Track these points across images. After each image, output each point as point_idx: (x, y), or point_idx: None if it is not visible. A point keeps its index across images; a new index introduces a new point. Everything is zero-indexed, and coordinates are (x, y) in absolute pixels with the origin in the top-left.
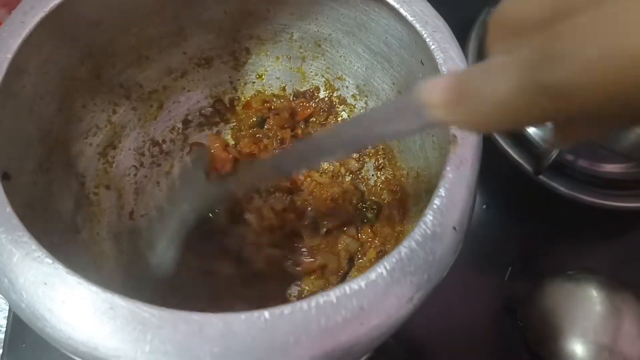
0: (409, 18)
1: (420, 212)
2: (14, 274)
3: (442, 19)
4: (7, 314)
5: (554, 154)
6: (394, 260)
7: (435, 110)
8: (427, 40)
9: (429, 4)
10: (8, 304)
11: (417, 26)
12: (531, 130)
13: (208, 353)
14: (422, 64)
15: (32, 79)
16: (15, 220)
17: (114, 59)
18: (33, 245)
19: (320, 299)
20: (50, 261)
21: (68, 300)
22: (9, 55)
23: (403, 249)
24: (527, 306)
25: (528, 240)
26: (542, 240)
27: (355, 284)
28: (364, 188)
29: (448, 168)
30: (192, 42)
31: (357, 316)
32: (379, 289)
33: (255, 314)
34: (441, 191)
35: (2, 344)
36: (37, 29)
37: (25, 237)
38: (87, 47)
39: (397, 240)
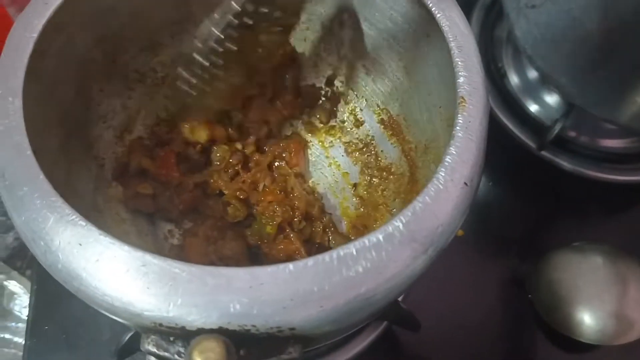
0: None
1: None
2: (50, 236)
3: None
4: (27, 303)
5: (557, 128)
6: (409, 214)
7: None
8: (433, 8)
9: None
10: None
11: None
12: (533, 108)
13: (237, 303)
14: (428, 36)
15: (52, 62)
16: (48, 187)
17: (128, 44)
18: (67, 209)
19: (341, 251)
20: (83, 223)
21: (102, 259)
22: (35, 35)
23: (417, 203)
24: (534, 278)
25: (533, 216)
26: (547, 215)
27: (374, 237)
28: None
29: (458, 127)
30: (203, 26)
31: (376, 266)
32: (396, 241)
33: (281, 266)
34: (452, 149)
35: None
36: (59, 11)
37: (59, 202)
38: (102, 31)
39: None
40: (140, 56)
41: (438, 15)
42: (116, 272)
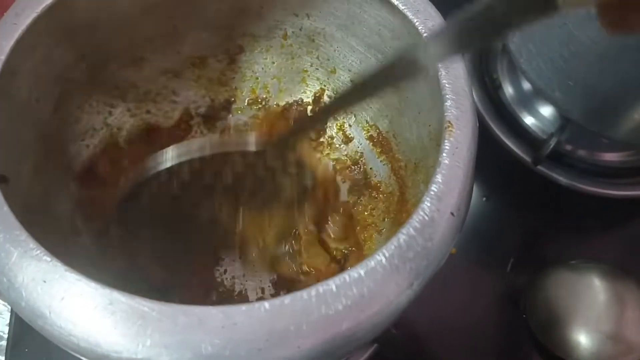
0: (401, 7)
1: (419, 203)
2: (13, 272)
3: (434, 7)
4: (8, 321)
5: (552, 143)
6: (392, 247)
7: None
8: (420, 28)
9: None
10: (10, 308)
11: (409, 15)
12: (528, 120)
13: (209, 344)
14: None
15: (26, 80)
16: (12, 219)
17: (109, 59)
18: (31, 244)
19: (320, 287)
20: (48, 259)
21: (67, 297)
22: (2, 57)
23: (401, 235)
24: (530, 296)
25: (529, 231)
26: (543, 230)
27: (355, 272)
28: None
29: (444, 154)
30: (186, 41)
31: (358, 303)
32: (379, 276)
33: (256, 304)
34: (438, 177)
35: (4, 351)
36: (30, 30)
37: (23, 236)
38: (81, 48)
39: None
40: (121, 72)
41: (425, 35)
42: (82, 311)
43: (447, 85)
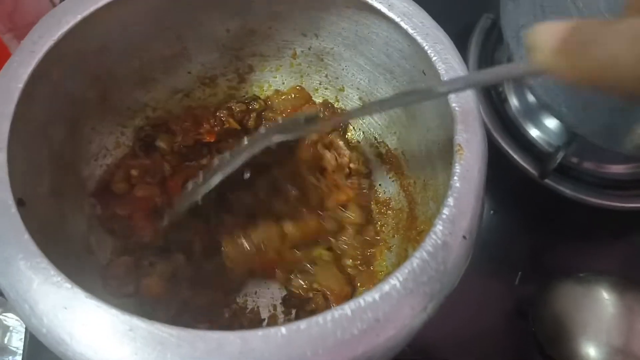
0: (410, 31)
1: (429, 220)
2: (34, 299)
3: (442, 30)
4: (22, 336)
5: (559, 157)
6: (406, 271)
7: (541, 54)
8: (429, 52)
9: (428, 16)
10: (24, 325)
11: (418, 38)
12: (534, 133)
13: None
14: (424, 74)
15: (42, 105)
16: (33, 247)
17: (120, 81)
18: (52, 271)
19: (336, 312)
20: (69, 285)
21: (88, 324)
22: (20, 85)
23: (415, 259)
24: (538, 310)
25: (537, 244)
26: (551, 243)
27: (370, 297)
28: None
29: (455, 177)
30: (196, 61)
31: (373, 328)
32: (393, 301)
33: (272, 330)
34: (449, 201)
35: None
36: (46, 57)
37: (44, 263)
38: (93, 71)
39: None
40: (133, 93)
41: (434, 58)
42: (103, 337)
43: (457, 108)
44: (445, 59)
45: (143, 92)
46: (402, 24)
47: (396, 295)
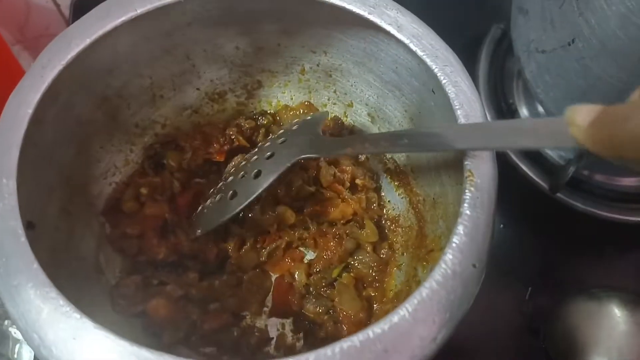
0: (420, 53)
1: (438, 239)
2: (43, 329)
3: (452, 51)
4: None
5: (570, 172)
6: (415, 301)
7: (577, 130)
8: (438, 74)
9: (438, 37)
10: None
11: (428, 61)
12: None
13: None
14: (433, 92)
15: (50, 127)
16: (42, 276)
17: (129, 100)
18: (61, 300)
19: (344, 344)
20: (78, 315)
21: (97, 356)
22: (30, 110)
23: (424, 289)
24: (549, 325)
25: (548, 258)
26: (562, 257)
27: (378, 328)
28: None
29: (465, 205)
30: (205, 78)
31: (382, 359)
32: (402, 331)
33: None
34: (459, 229)
35: None
36: (55, 81)
37: (53, 293)
38: (102, 92)
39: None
40: (141, 111)
41: (444, 81)
42: None
43: None
44: (455, 82)
45: (152, 110)
46: (412, 45)
47: (405, 326)
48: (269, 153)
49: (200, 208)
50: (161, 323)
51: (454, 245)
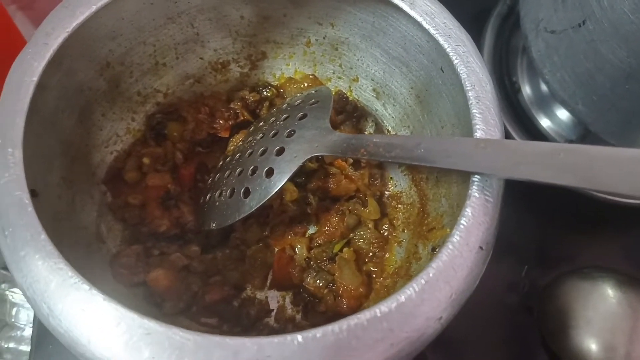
0: (432, 31)
1: (440, 217)
2: (53, 300)
3: (465, 31)
4: (29, 312)
5: None
6: (422, 281)
7: None
8: (451, 54)
9: (451, 15)
10: None
11: (441, 40)
12: (545, 124)
13: None
14: (442, 70)
15: (53, 94)
16: (50, 247)
17: (132, 68)
18: (69, 272)
19: (352, 321)
20: (87, 287)
21: (106, 327)
22: (35, 79)
23: (431, 269)
24: (543, 304)
25: (544, 237)
26: (558, 236)
27: (385, 307)
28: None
29: (474, 187)
30: (209, 47)
31: (388, 337)
32: (408, 311)
33: (288, 337)
34: (467, 211)
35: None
36: (59, 49)
37: (62, 264)
38: (104, 59)
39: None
40: (144, 79)
41: (456, 61)
42: (120, 341)
43: (477, 114)
44: (467, 62)
45: (154, 78)
46: (424, 23)
47: (411, 306)
48: (278, 147)
49: (209, 196)
50: (162, 293)
51: (461, 226)
